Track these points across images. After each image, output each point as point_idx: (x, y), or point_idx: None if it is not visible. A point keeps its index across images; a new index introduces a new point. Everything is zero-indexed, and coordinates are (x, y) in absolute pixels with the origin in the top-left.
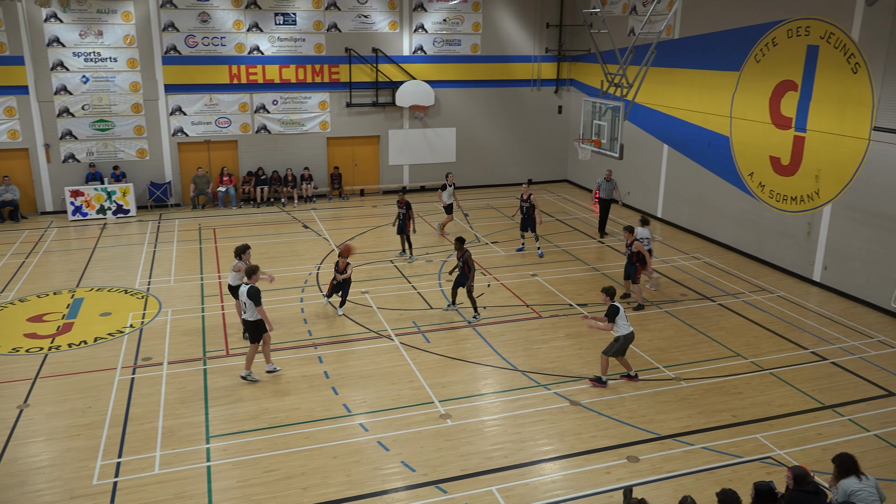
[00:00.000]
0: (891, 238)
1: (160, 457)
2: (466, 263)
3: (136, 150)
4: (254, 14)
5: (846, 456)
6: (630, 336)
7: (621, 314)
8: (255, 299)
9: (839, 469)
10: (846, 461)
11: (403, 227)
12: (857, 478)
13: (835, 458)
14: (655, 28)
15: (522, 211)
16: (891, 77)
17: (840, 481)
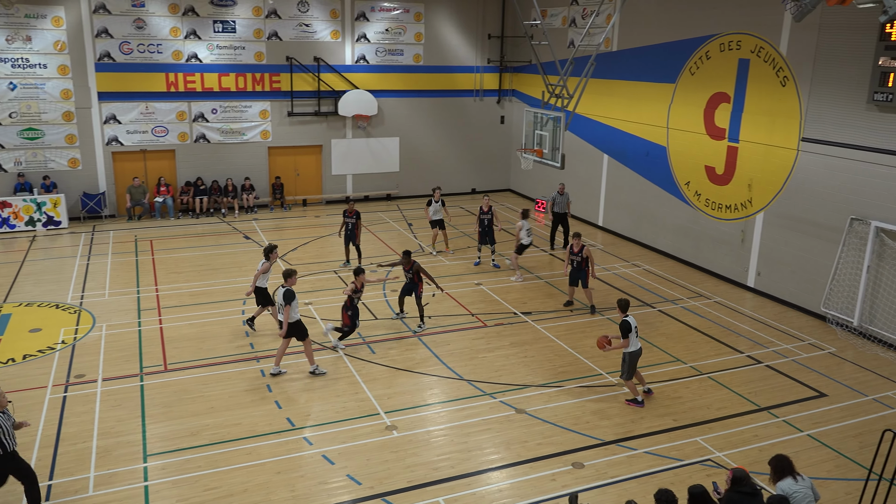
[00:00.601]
0: (819, 245)
1: (94, 478)
2: (417, 273)
3: (68, 160)
4: (192, 21)
5: (782, 457)
6: (636, 353)
7: (633, 329)
8: (288, 300)
9: (775, 471)
10: (781, 462)
11: (353, 236)
12: (793, 479)
13: (771, 460)
14: (594, 41)
15: (483, 224)
16: (817, 90)
17: (777, 483)
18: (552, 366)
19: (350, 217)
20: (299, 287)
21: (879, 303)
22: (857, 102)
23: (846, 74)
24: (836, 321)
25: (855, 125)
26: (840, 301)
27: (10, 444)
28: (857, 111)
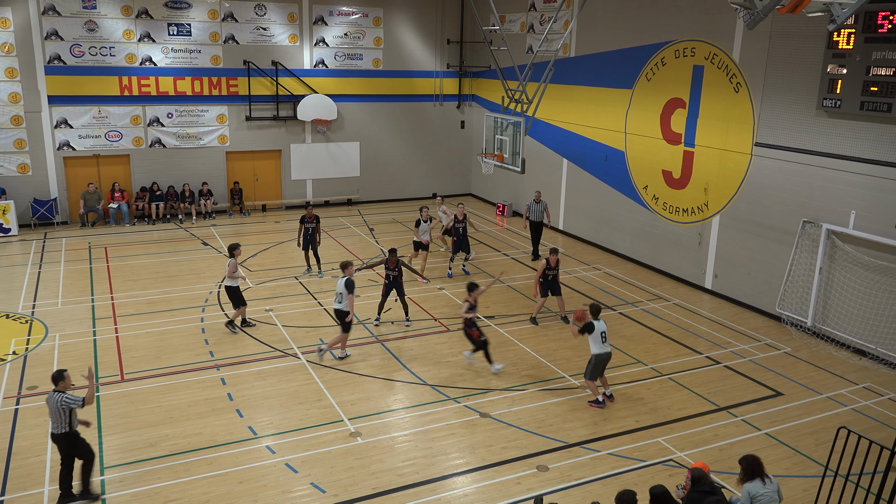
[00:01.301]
0: (773, 247)
1: (49, 492)
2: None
3: (17, 165)
4: (145, 24)
5: (753, 459)
6: (602, 356)
7: (595, 334)
8: (350, 289)
9: (745, 472)
10: (752, 464)
11: (312, 242)
12: (761, 481)
13: (741, 459)
14: (553, 46)
15: (458, 233)
16: (769, 96)
17: (744, 484)
18: (515, 369)
19: (310, 222)
20: (259, 293)
21: (832, 303)
22: (807, 108)
23: (796, 81)
24: (790, 321)
25: (805, 130)
26: (794, 302)
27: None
28: (808, 117)
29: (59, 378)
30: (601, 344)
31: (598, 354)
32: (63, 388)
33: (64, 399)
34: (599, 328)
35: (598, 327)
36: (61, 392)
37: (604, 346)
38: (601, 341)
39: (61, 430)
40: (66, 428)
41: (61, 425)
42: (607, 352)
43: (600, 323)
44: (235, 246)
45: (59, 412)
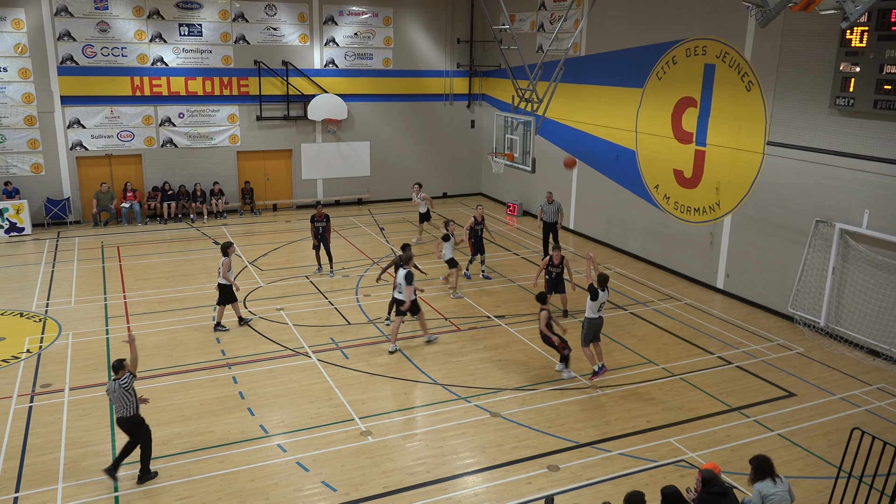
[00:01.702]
0: (786, 246)
1: (62, 490)
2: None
3: (31, 165)
4: (157, 24)
5: (763, 458)
6: (595, 321)
7: (599, 299)
8: (409, 281)
9: (755, 471)
10: (763, 464)
11: (324, 241)
12: (772, 481)
13: (752, 459)
14: (563, 45)
15: (476, 235)
16: (781, 94)
17: (755, 484)
18: (526, 369)
19: (320, 221)
20: (270, 292)
21: (845, 303)
22: (819, 107)
23: (809, 79)
24: (803, 322)
25: (818, 129)
26: (807, 302)
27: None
28: (820, 115)
29: (119, 367)
30: (596, 311)
31: (592, 320)
32: (121, 376)
33: (121, 383)
34: (602, 298)
35: (601, 297)
36: (120, 378)
37: (598, 313)
38: (597, 310)
39: (127, 414)
40: (131, 411)
41: (127, 409)
42: (601, 318)
43: (604, 293)
44: (229, 245)
45: (122, 397)
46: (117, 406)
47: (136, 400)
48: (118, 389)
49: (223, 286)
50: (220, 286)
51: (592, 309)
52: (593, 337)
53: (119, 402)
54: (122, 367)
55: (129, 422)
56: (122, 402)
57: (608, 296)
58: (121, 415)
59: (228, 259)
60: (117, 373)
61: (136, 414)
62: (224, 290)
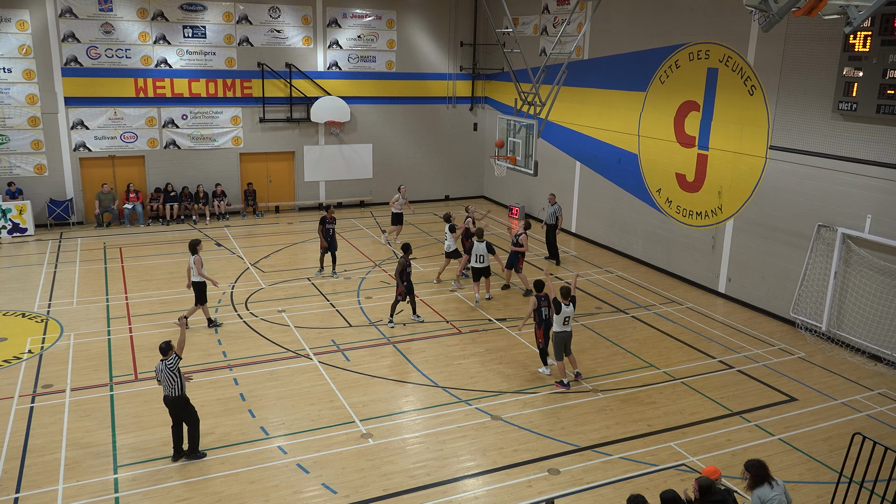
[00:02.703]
0: (788, 251)
1: (63, 490)
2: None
3: (34, 166)
4: (161, 26)
5: (760, 464)
6: (561, 335)
7: (563, 312)
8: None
9: (754, 478)
10: (760, 469)
11: (333, 243)
12: (769, 485)
13: (749, 465)
14: (566, 49)
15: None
16: (784, 99)
17: (754, 490)
18: (527, 372)
19: (331, 223)
20: (272, 294)
21: (847, 308)
22: (822, 111)
23: (812, 84)
24: (805, 326)
25: (821, 133)
26: (809, 306)
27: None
28: (823, 120)
29: (167, 349)
30: (561, 324)
31: (557, 333)
32: (169, 356)
33: (167, 364)
34: (565, 312)
35: (564, 311)
36: (172, 357)
37: (564, 326)
38: (562, 322)
39: (174, 394)
40: (178, 391)
41: (174, 389)
42: (565, 330)
43: (568, 307)
44: (197, 242)
45: (169, 377)
46: (165, 385)
47: (182, 381)
48: (165, 370)
49: (198, 284)
50: (195, 285)
51: (557, 322)
52: (564, 349)
53: (166, 381)
54: (169, 348)
55: (176, 401)
56: (168, 382)
57: (573, 310)
58: (168, 394)
59: (199, 256)
60: (165, 354)
61: (182, 394)
62: (200, 289)
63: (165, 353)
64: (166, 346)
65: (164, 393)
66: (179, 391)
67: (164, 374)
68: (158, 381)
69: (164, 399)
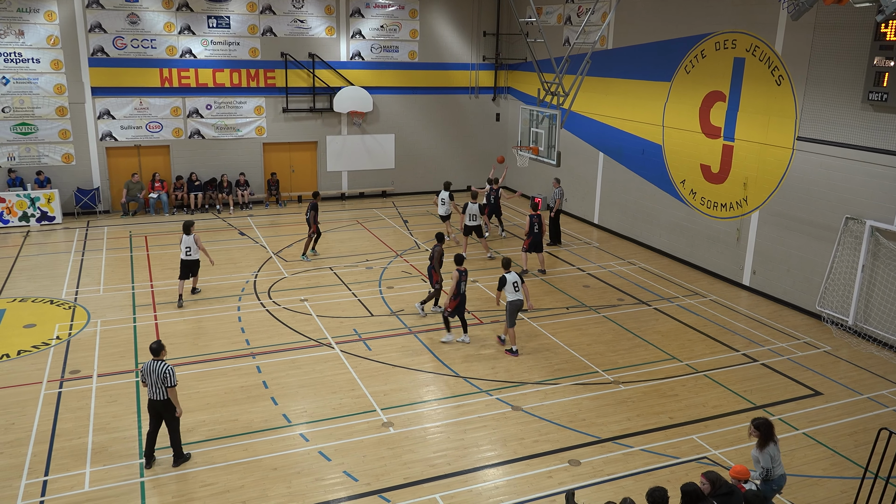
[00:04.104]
0: (814, 243)
1: (90, 473)
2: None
3: (62, 155)
4: (185, 16)
5: (769, 423)
6: (514, 303)
7: (507, 285)
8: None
9: (764, 436)
10: (770, 429)
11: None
12: (775, 444)
13: (759, 424)
14: (590, 38)
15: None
16: (812, 89)
17: (765, 449)
18: (548, 363)
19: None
20: (295, 283)
21: (874, 302)
22: (852, 102)
23: (841, 74)
24: (831, 320)
25: (850, 124)
26: (835, 300)
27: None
28: (852, 110)
29: (160, 349)
30: (513, 293)
31: (512, 302)
32: (162, 357)
33: (168, 369)
34: (510, 279)
35: (509, 279)
36: (163, 361)
37: (516, 294)
38: (513, 290)
39: (161, 397)
40: (166, 394)
41: (161, 393)
42: (519, 300)
43: (511, 275)
44: (192, 223)
45: (162, 380)
46: (151, 388)
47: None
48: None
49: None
50: (195, 262)
51: (509, 291)
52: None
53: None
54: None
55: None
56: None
57: (516, 277)
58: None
59: (196, 235)
60: (157, 355)
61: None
62: (195, 265)
63: (157, 354)
64: (157, 345)
65: (149, 396)
66: (165, 395)
67: (161, 375)
68: (143, 383)
69: (149, 403)
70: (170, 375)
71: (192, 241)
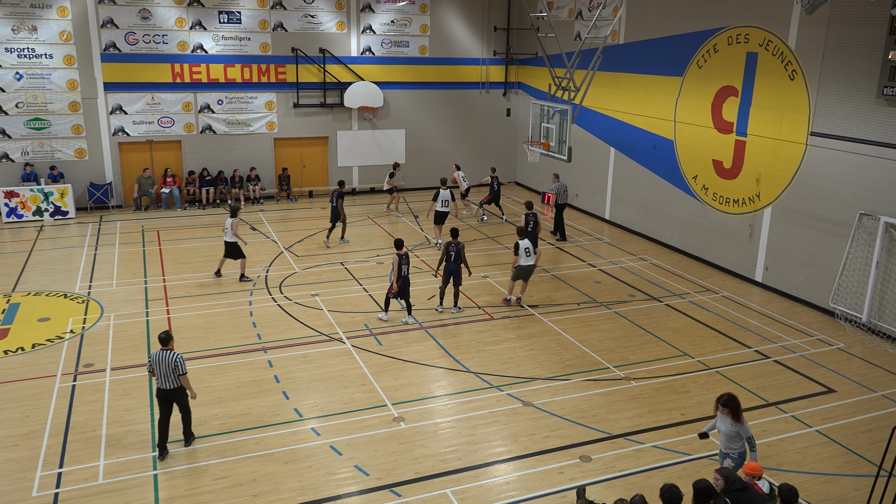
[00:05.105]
0: (827, 239)
1: (104, 466)
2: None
3: (75, 150)
4: (197, 12)
5: (736, 398)
6: (524, 267)
7: (520, 250)
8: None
9: (737, 410)
10: (738, 403)
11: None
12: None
13: (727, 401)
14: (601, 33)
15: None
16: (826, 84)
17: (741, 419)
18: (559, 359)
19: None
20: (306, 278)
21: (889, 298)
22: (866, 97)
23: (855, 68)
24: (844, 317)
25: (864, 120)
26: (849, 296)
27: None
28: (867, 106)
29: (168, 338)
30: (525, 258)
31: (521, 266)
32: (171, 346)
33: (178, 358)
34: (523, 245)
35: (522, 245)
36: (171, 350)
37: (527, 259)
38: (525, 256)
39: (172, 386)
40: (176, 383)
41: (170, 381)
42: (529, 265)
43: (524, 241)
44: (238, 207)
45: (172, 369)
46: (160, 377)
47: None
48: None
49: (232, 244)
50: (228, 244)
51: (521, 256)
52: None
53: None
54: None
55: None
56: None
57: (529, 243)
58: (162, 386)
59: (236, 220)
60: (165, 344)
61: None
62: (234, 248)
63: (165, 343)
64: (166, 335)
65: (158, 385)
66: (176, 384)
67: (172, 365)
68: (151, 372)
69: (158, 392)
70: (180, 364)
71: (228, 224)
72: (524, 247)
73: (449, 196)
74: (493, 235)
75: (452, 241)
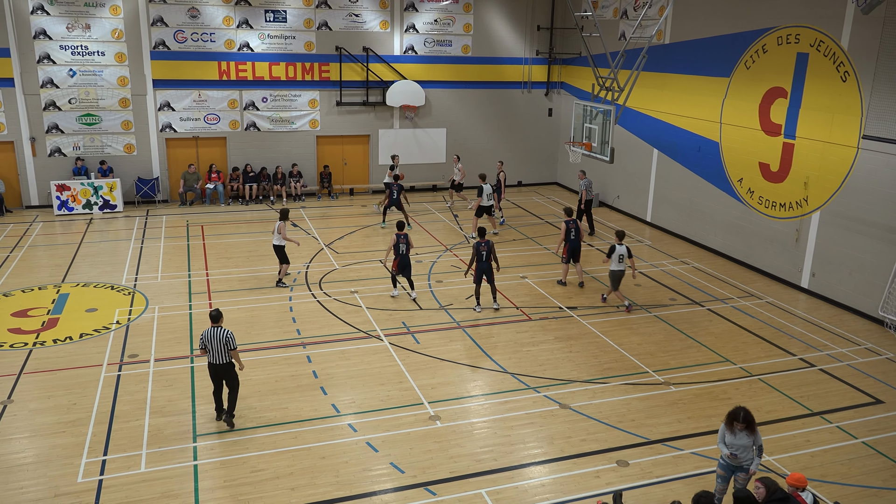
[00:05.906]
0: (878, 246)
1: (146, 455)
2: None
3: (124, 146)
4: (244, 10)
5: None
6: (616, 272)
7: (614, 255)
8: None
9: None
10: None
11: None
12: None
13: (745, 416)
14: (646, 33)
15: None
16: (880, 86)
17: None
18: (597, 362)
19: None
20: (345, 275)
21: None
22: None
23: None
24: (894, 326)
25: None
26: None
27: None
28: None
29: (219, 315)
30: (617, 263)
31: (613, 271)
32: (221, 323)
33: (229, 334)
34: (619, 251)
35: (618, 251)
36: (221, 327)
37: (619, 265)
38: (617, 262)
39: (223, 361)
40: (227, 358)
41: (222, 357)
42: (622, 270)
43: (621, 247)
44: (287, 210)
45: (224, 343)
46: (213, 352)
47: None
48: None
49: (279, 247)
50: (276, 248)
51: (614, 262)
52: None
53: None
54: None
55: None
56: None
57: (625, 250)
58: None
59: (283, 223)
60: (216, 322)
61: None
62: (281, 252)
63: (216, 321)
64: (217, 313)
65: (210, 360)
66: (227, 358)
67: (222, 341)
68: (203, 349)
69: (210, 366)
70: (231, 339)
71: (276, 226)
72: (619, 252)
73: (490, 190)
74: (531, 236)
75: (482, 240)
